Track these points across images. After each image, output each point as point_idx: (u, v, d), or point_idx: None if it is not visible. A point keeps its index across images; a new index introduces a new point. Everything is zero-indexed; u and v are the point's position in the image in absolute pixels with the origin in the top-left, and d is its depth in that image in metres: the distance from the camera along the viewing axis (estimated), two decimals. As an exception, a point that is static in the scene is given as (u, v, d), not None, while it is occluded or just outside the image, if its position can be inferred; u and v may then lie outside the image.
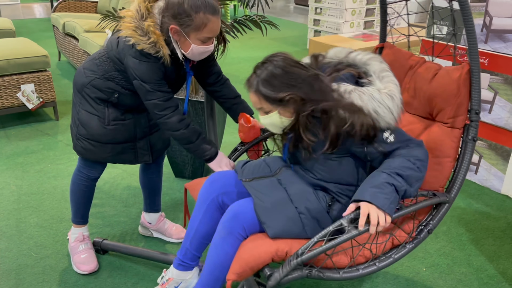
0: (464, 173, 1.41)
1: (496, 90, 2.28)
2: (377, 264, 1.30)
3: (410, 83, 1.55)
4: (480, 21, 2.29)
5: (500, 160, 2.35)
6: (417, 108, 1.55)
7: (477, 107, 1.39)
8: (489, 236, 2.04)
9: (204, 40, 1.44)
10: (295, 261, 1.18)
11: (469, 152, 1.41)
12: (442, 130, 1.44)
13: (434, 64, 1.51)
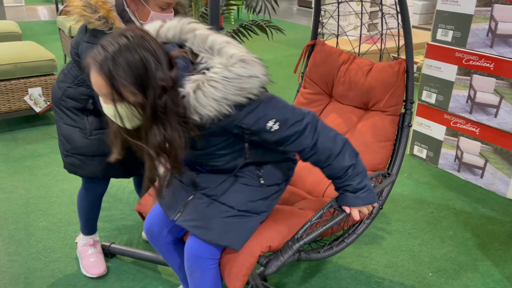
0: (402, 154, 1.60)
1: (502, 94, 2.29)
2: (346, 241, 1.39)
3: (345, 77, 1.71)
4: (486, 26, 2.30)
5: (506, 164, 2.36)
6: (352, 99, 1.72)
7: (411, 98, 1.60)
8: (495, 240, 2.05)
9: (163, 7, 1.42)
10: (296, 244, 1.22)
11: (405, 136, 1.60)
12: (383, 117, 1.62)
13: (365, 60, 1.70)
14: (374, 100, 1.64)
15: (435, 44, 2.57)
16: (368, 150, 1.60)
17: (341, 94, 1.74)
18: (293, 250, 1.22)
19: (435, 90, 2.61)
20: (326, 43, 1.81)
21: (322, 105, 1.82)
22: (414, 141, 2.82)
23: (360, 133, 1.65)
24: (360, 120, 1.69)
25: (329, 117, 1.77)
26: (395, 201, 2.34)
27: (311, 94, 1.83)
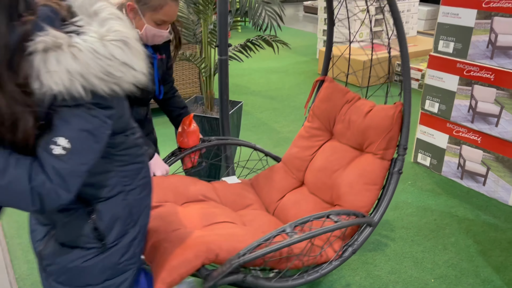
0: (388, 200, 1.53)
1: (502, 104, 2.35)
2: (305, 277, 1.38)
3: (345, 115, 1.71)
4: (486, 38, 2.37)
5: (507, 172, 2.42)
6: (349, 139, 1.70)
7: (405, 143, 1.55)
8: (497, 247, 2.11)
9: (158, 23, 1.46)
10: (236, 261, 1.21)
11: (394, 183, 1.55)
12: (374, 160, 1.58)
13: (368, 101, 1.70)
14: (368, 142, 1.64)
15: (437, 55, 2.64)
16: (352, 191, 1.59)
17: (340, 133, 1.75)
18: (231, 266, 1.21)
19: (438, 99, 2.67)
20: (334, 79, 1.86)
21: (321, 141, 1.83)
22: (418, 149, 2.88)
23: (348, 174, 1.65)
24: (353, 161, 1.68)
25: (324, 154, 1.77)
26: (399, 208, 2.41)
27: (313, 129, 1.85)
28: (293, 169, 1.87)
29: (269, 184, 1.86)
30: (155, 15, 1.44)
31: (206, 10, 2.22)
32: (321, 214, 1.38)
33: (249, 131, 3.35)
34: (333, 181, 1.69)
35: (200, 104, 2.55)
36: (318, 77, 1.90)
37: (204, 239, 1.28)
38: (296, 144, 1.91)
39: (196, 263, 1.22)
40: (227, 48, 1.93)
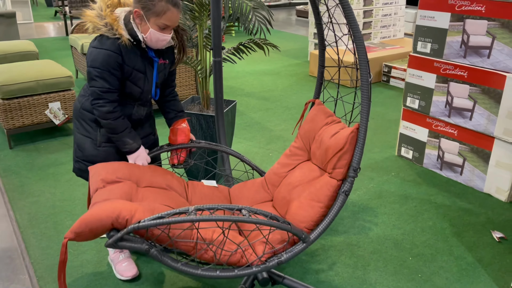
0: (329, 220, 1.49)
1: (475, 99, 2.56)
2: (218, 272, 1.38)
3: (320, 136, 1.74)
4: (459, 39, 2.58)
5: (481, 162, 2.62)
6: (318, 159, 1.73)
7: (356, 165, 1.48)
8: (470, 229, 2.31)
9: (162, 27, 1.62)
10: (131, 226, 1.30)
11: (339, 203, 1.49)
12: (324, 179, 1.59)
13: (342, 124, 1.71)
14: (326, 162, 1.64)
15: (416, 55, 2.84)
16: (299, 206, 1.60)
17: (313, 152, 1.78)
18: (127, 230, 1.31)
19: (418, 96, 2.88)
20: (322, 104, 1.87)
21: (299, 160, 1.86)
22: (401, 143, 3.08)
23: (302, 190, 1.69)
24: (314, 180, 1.69)
25: (297, 172, 1.81)
26: (383, 197, 2.61)
27: (295, 148, 1.90)
28: (269, 184, 1.93)
29: (243, 193, 1.92)
30: (158, 20, 1.61)
31: (201, 16, 2.42)
32: (233, 206, 1.37)
33: (244, 130, 3.54)
34: (290, 196, 1.74)
35: (197, 103, 2.74)
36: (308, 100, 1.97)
37: (122, 206, 1.40)
38: (279, 161, 1.96)
39: (106, 222, 1.33)
40: (221, 51, 2.12)
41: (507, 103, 2.41)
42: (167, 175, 1.82)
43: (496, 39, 2.41)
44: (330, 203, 1.54)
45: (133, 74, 1.70)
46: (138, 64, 1.70)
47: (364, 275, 1.98)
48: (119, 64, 1.65)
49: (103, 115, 1.69)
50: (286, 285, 1.81)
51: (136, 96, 1.77)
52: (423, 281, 1.95)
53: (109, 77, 1.65)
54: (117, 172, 1.68)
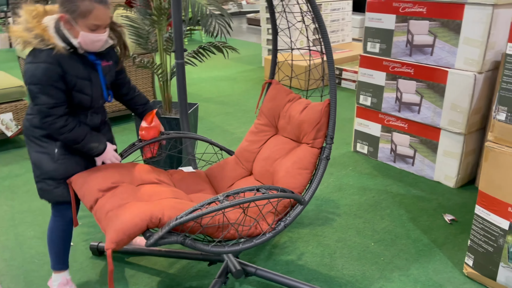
0: (317, 182, 1.74)
1: (422, 94, 2.75)
2: (240, 245, 1.51)
3: (287, 112, 1.95)
4: (404, 38, 2.77)
5: (430, 152, 2.81)
6: (289, 132, 1.93)
7: (331, 134, 1.76)
8: (424, 214, 2.47)
9: (92, 28, 1.51)
10: (174, 222, 1.36)
11: (322, 167, 1.76)
12: (306, 149, 1.81)
13: (305, 100, 1.96)
14: (303, 134, 1.87)
15: (366, 55, 3.02)
16: (287, 175, 1.78)
17: (282, 127, 1.99)
18: (170, 226, 1.35)
19: (370, 94, 3.05)
20: (280, 81, 2.10)
21: (267, 136, 2.06)
22: (356, 139, 3.24)
23: (285, 161, 1.87)
24: (291, 151, 1.92)
25: (269, 146, 2.01)
26: (343, 190, 2.74)
27: (261, 125, 2.08)
28: (243, 160, 2.08)
29: (221, 173, 2.06)
30: (86, 21, 1.51)
31: (160, 20, 2.45)
32: (252, 187, 1.52)
33: (205, 133, 3.58)
34: (274, 168, 1.91)
35: (159, 107, 2.76)
36: (266, 80, 2.15)
37: (149, 206, 1.47)
38: (246, 139, 2.12)
39: (142, 225, 1.39)
40: (183, 53, 2.17)
41: (450, 96, 2.61)
42: (150, 169, 1.85)
43: (437, 38, 2.61)
44: (313, 169, 1.79)
45: (78, 83, 1.60)
46: (80, 72, 1.60)
47: (331, 262, 2.08)
48: (60, 76, 1.54)
49: (58, 132, 1.60)
50: (259, 275, 1.87)
51: (87, 105, 1.68)
52: (386, 264, 2.07)
53: (52, 92, 1.54)
54: (107, 178, 1.66)
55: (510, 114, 1.70)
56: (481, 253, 1.89)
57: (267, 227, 1.62)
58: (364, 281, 1.96)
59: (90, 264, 2.08)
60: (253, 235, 1.58)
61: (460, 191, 2.71)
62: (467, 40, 2.49)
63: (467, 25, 2.46)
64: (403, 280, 1.96)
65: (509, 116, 1.70)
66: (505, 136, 1.73)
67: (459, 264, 2.06)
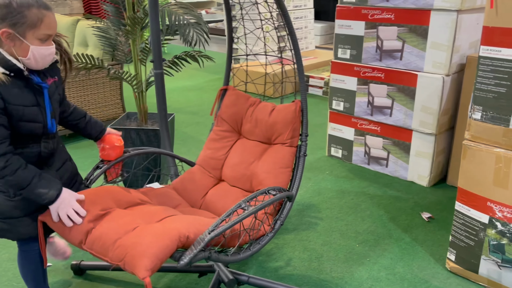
0: (299, 178, 1.84)
1: (393, 97, 2.84)
2: (251, 249, 1.55)
3: (252, 116, 2.02)
4: (374, 44, 2.86)
5: (403, 153, 2.91)
6: (258, 135, 2.00)
7: (306, 131, 1.89)
8: (402, 213, 2.55)
9: (43, 39, 1.34)
10: (208, 236, 1.33)
11: (302, 163, 1.86)
12: (283, 149, 1.90)
13: (268, 103, 2.03)
14: (276, 134, 1.94)
15: (337, 61, 3.09)
16: (270, 176, 1.86)
17: (249, 131, 2.04)
18: (205, 242, 1.32)
19: (342, 99, 3.12)
20: (236, 88, 2.14)
21: (232, 141, 2.08)
22: (330, 144, 3.30)
23: (263, 163, 1.92)
24: (265, 153, 1.97)
25: (237, 151, 2.03)
26: (322, 193, 2.77)
27: (222, 131, 2.09)
28: (209, 168, 2.04)
29: (190, 184, 2.01)
30: (37, 31, 1.32)
31: (134, 31, 2.41)
32: (263, 190, 1.58)
33: (178, 144, 3.53)
34: (251, 171, 1.93)
35: (134, 119, 2.70)
36: (221, 87, 2.15)
37: (172, 226, 1.41)
38: (208, 147, 2.08)
39: (173, 247, 1.32)
40: (162, 63, 2.14)
41: (420, 98, 2.72)
42: (126, 190, 1.78)
43: (406, 43, 2.72)
44: (292, 166, 1.88)
45: (26, 113, 1.37)
46: (27, 99, 1.37)
47: (319, 266, 2.10)
48: (1, 109, 1.32)
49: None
50: (251, 284, 1.85)
51: (39, 134, 1.45)
52: (372, 264, 2.11)
53: None
54: (93, 205, 1.52)
55: (485, 113, 1.79)
56: (463, 247, 1.97)
57: (268, 227, 1.65)
58: (353, 282, 1.99)
59: (74, 284, 1.99)
60: (258, 237, 1.60)
61: (433, 189, 2.81)
62: (434, 45, 2.60)
63: (434, 30, 2.58)
64: (391, 279, 2.01)
65: (484, 115, 1.79)
66: (481, 134, 1.82)
67: (441, 260, 2.13)
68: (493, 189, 1.80)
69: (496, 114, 1.75)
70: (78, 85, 3.56)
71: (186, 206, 1.89)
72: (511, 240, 1.80)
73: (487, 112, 1.78)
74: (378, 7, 2.78)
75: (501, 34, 1.66)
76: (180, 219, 1.54)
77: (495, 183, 1.79)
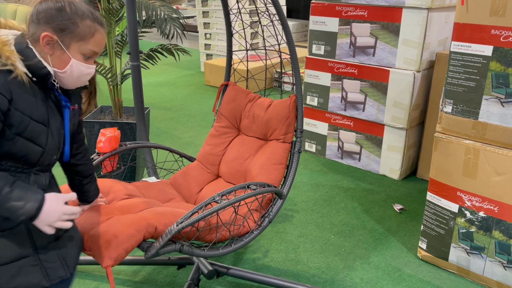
0: (293, 175, 1.82)
1: (366, 93, 2.91)
2: (232, 245, 1.53)
3: (250, 111, 2.02)
4: (348, 40, 2.92)
5: (376, 148, 2.99)
6: (255, 131, 1.98)
7: (301, 127, 1.83)
8: (375, 205, 2.62)
9: (88, 55, 1.17)
10: (175, 228, 1.31)
11: (296, 160, 1.83)
12: (277, 145, 1.88)
13: (266, 98, 2.03)
14: (271, 130, 1.92)
15: (312, 57, 3.14)
16: (263, 172, 1.84)
17: (246, 127, 2.03)
18: (171, 233, 1.31)
19: (316, 94, 3.17)
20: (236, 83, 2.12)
21: (231, 137, 2.08)
22: (304, 138, 3.35)
23: (257, 159, 1.92)
24: (260, 149, 1.96)
25: (235, 147, 2.03)
26: (297, 187, 2.81)
27: (222, 127, 2.08)
28: (207, 164, 2.07)
29: (187, 180, 2.04)
30: (84, 45, 1.15)
31: (109, 22, 2.38)
32: (243, 185, 1.58)
33: (153, 140, 3.50)
34: (245, 167, 1.94)
35: (108, 113, 2.66)
36: (222, 82, 2.15)
37: (143, 216, 1.40)
38: (208, 142, 2.11)
39: (139, 237, 1.30)
40: (139, 55, 2.12)
41: (392, 94, 2.80)
42: (117, 183, 1.76)
43: (378, 39, 2.79)
44: (287, 163, 1.85)
45: (30, 127, 1.11)
46: (38, 112, 1.13)
47: (296, 257, 2.13)
48: (3, 111, 1.06)
49: None
50: (231, 275, 1.87)
51: (33, 161, 1.15)
52: (347, 254, 2.17)
53: None
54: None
55: (455, 106, 1.86)
56: (434, 236, 2.05)
57: (254, 224, 1.63)
58: (330, 272, 2.04)
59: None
60: (241, 234, 1.58)
61: (404, 182, 2.90)
62: (405, 42, 2.68)
63: (405, 28, 2.66)
64: (365, 268, 2.07)
65: (454, 109, 1.87)
66: (451, 127, 1.89)
67: (413, 249, 2.21)
68: (462, 179, 1.88)
69: (466, 107, 1.83)
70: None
71: (180, 200, 1.88)
72: (479, 228, 1.89)
73: (458, 105, 1.85)
74: (351, 4, 2.84)
75: (471, 30, 1.74)
76: (154, 210, 1.52)
77: (464, 173, 1.87)
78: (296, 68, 1.84)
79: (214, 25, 5.64)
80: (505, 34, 1.67)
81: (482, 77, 1.76)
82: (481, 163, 1.82)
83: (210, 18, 5.65)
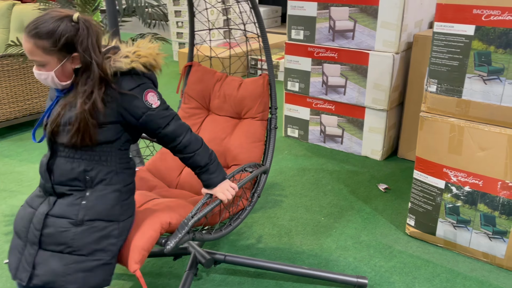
0: (272, 151, 1.87)
1: (346, 76, 2.95)
2: (232, 224, 1.60)
3: (220, 91, 1.99)
4: (327, 25, 2.94)
5: (357, 130, 3.04)
6: (227, 110, 1.99)
7: (275, 104, 1.90)
8: (361, 186, 2.67)
9: None
10: (192, 220, 1.38)
11: (273, 136, 1.88)
12: (254, 123, 1.90)
13: (235, 77, 2.02)
14: (246, 109, 1.93)
15: (291, 42, 3.14)
16: (243, 150, 1.86)
17: (218, 107, 2.02)
18: (188, 226, 1.37)
19: (297, 80, 3.19)
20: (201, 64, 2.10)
21: (201, 118, 2.06)
22: (287, 124, 3.37)
23: (235, 138, 1.92)
24: (236, 128, 1.96)
25: (208, 127, 2.01)
26: (284, 172, 2.84)
27: (191, 108, 2.06)
28: None
29: (163, 165, 2.01)
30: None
31: (85, 10, 2.30)
32: (240, 169, 1.62)
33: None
34: (223, 147, 1.94)
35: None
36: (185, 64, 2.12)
37: (155, 214, 1.44)
38: None
39: (156, 235, 1.38)
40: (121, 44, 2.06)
41: (372, 76, 2.84)
42: None
43: (357, 23, 2.82)
44: (264, 140, 1.90)
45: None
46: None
47: (289, 241, 2.16)
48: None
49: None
50: (228, 262, 1.88)
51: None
52: (339, 234, 2.21)
53: None
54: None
55: (439, 86, 1.91)
56: (421, 212, 2.12)
57: (246, 201, 1.68)
58: (323, 253, 2.08)
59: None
60: (236, 212, 1.63)
61: (386, 162, 2.97)
62: (384, 24, 2.72)
63: (384, 10, 2.70)
64: (357, 247, 2.12)
65: (439, 88, 1.92)
66: (436, 106, 1.95)
67: (401, 226, 2.28)
68: (448, 156, 1.95)
69: (450, 86, 1.88)
70: (14, 74, 3.34)
71: (162, 187, 1.86)
72: (465, 202, 1.96)
73: (442, 84, 1.90)
74: (329, -12, 2.85)
75: (454, 11, 1.78)
76: (159, 205, 1.54)
77: (450, 150, 1.93)
78: (267, 47, 1.85)
79: (186, 13, 5.54)
80: (486, 13, 1.72)
81: (465, 56, 1.81)
82: (466, 140, 1.88)
83: (181, 6, 5.56)
